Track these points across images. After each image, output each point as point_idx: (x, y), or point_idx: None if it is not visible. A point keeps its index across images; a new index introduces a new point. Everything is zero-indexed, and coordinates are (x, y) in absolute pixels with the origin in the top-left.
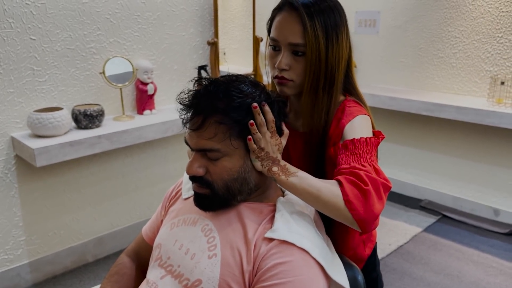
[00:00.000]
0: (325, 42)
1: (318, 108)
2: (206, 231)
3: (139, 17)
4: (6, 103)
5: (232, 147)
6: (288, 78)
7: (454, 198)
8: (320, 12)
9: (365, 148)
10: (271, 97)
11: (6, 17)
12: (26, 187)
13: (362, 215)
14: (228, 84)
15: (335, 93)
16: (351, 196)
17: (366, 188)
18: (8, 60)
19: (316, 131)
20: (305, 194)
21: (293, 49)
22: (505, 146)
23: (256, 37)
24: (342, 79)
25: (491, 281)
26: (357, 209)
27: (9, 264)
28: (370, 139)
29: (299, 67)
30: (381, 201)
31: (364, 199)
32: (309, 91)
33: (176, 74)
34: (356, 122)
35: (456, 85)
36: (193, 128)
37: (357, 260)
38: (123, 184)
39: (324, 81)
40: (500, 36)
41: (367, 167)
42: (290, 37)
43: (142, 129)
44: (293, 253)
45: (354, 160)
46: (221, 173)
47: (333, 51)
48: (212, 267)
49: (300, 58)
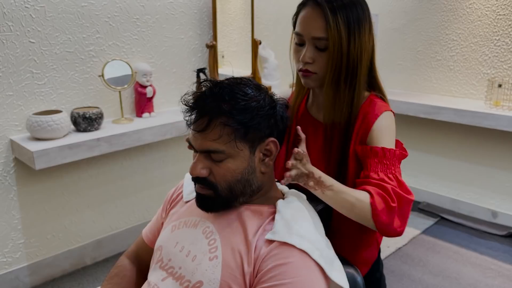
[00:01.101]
0: (347, 36)
1: (339, 100)
2: (207, 233)
3: (138, 20)
4: (5, 106)
5: (237, 149)
6: (311, 71)
7: (452, 200)
8: (342, 7)
9: (393, 160)
10: (275, 101)
11: (5, 20)
12: (25, 190)
13: (385, 227)
14: (233, 87)
15: (358, 86)
16: (379, 210)
17: (393, 206)
18: (7, 63)
19: (337, 123)
20: (339, 207)
21: (316, 43)
22: (502, 148)
23: (255, 40)
24: (365, 72)
25: (489, 283)
26: (382, 222)
27: (7, 267)
28: (399, 153)
29: (322, 60)
30: (404, 220)
31: (389, 214)
32: (331, 83)
33: (175, 77)
34: (384, 122)
35: (454, 87)
36: (198, 130)
37: (368, 260)
38: (122, 186)
39: (346, 74)
40: (497, 39)
41: (394, 182)
42: (313, 31)
43: (141, 132)
44: (293, 255)
45: (382, 169)
46: (225, 175)
47: (355, 45)
48: (213, 269)
49: (323, 51)
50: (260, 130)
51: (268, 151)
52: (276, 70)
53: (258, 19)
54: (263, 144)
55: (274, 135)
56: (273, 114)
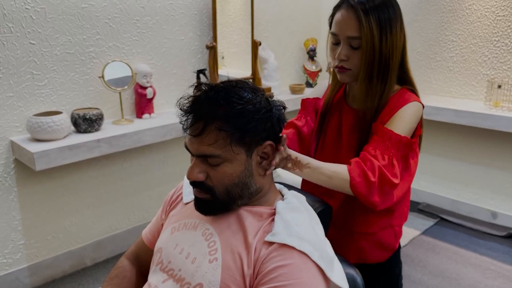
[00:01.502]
0: (379, 35)
1: (371, 93)
2: (207, 235)
3: (138, 21)
4: (5, 107)
5: (233, 153)
6: (346, 68)
7: (452, 201)
8: (374, 8)
9: (396, 145)
10: (271, 104)
11: (5, 22)
12: (25, 191)
13: (363, 199)
14: (229, 90)
15: (389, 80)
16: (357, 181)
17: (372, 180)
18: (8, 64)
19: (368, 112)
20: (318, 181)
21: (350, 42)
22: (502, 149)
23: (255, 41)
24: (396, 68)
25: (489, 283)
26: (360, 192)
27: (8, 268)
28: (406, 140)
29: (356, 58)
30: (386, 199)
31: (368, 188)
32: (364, 78)
33: (175, 78)
34: (407, 110)
35: (454, 88)
36: (193, 134)
37: (383, 247)
38: (122, 188)
39: (378, 70)
40: (497, 40)
41: (385, 162)
42: (347, 31)
43: (141, 133)
44: (293, 256)
45: (381, 148)
46: (222, 179)
47: (387, 43)
48: (213, 271)
49: (357, 50)
50: (256, 133)
51: (266, 154)
52: (276, 71)
53: (258, 20)
54: (260, 147)
55: (271, 138)
56: (269, 117)
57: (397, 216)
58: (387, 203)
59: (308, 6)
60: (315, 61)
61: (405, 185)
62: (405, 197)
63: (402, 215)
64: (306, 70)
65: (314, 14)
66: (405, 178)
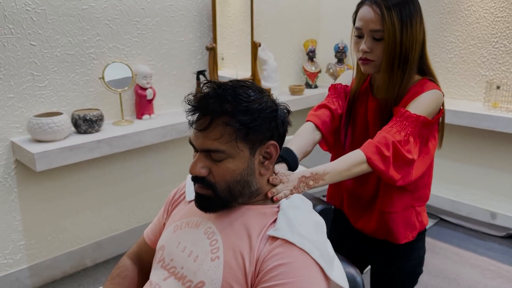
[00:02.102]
0: (400, 28)
1: (392, 83)
2: (209, 233)
3: (138, 22)
4: (6, 108)
5: (237, 149)
6: (370, 59)
7: (451, 201)
8: (396, 4)
9: (414, 123)
10: (277, 104)
11: (6, 23)
12: (25, 192)
13: (382, 174)
14: (236, 88)
15: (409, 70)
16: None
17: (387, 155)
18: (9, 65)
19: (390, 100)
20: (343, 178)
21: (373, 35)
22: (501, 149)
23: (254, 42)
24: (417, 59)
25: (489, 284)
26: (378, 168)
27: (8, 268)
28: (422, 118)
29: (378, 50)
30: (403, 174)
31: (384, 162)
32: (386, 69)
33: (175, 79)
34: (428, 95)
35: (453, 89)
36: (199, 129)
37: (407, 225)
38: (122, 188)
39: (399, 61)
40: (496, 41)
41: (401, 137)
42: (371, 25)
43: (141, 133)
44: (294, 255)
45: (398, 126)
46: (224, 175)
47: (407, 36)
48: (215, 269)
49: (379, 42)
50: (261, 132)
51: (268, 154)
52: (275, 72)
53: (258, 21)
54: (264, 147)
55: (275, 138)
56: (274, 117)
57: (418, 198)
58: (407, 180)
59: (307, 8)
60: (315, 62)
61: (423, 164)
62: (426, 178)
63: (423, 197)
64: (306, 71)
65: (314, 15)
66: (423, 157)
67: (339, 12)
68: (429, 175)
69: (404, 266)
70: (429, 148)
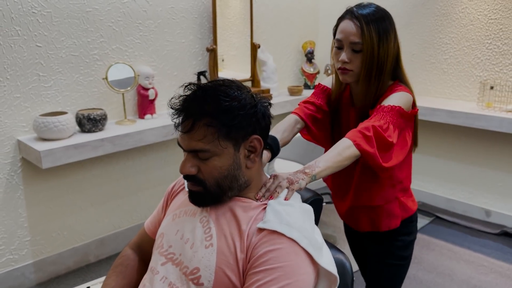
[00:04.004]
0: (378, 42)
1: (370, 91)
2: (204, 222)
3: (141, 24)
4: (13, 107)
5: (221, 147)
6: (349, 69)
7: (447, 200)
8: (374, 20)
9: (390, 112)
10: (255, 100)
11: (13, 25)
12: (31, 189)
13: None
14: (215, 89)
15: (383, 79)
16: (358, 141)
17: (369, 135)
18: (15, 66)
19: (367, 107)
20: (337, 168)
21: (353, 46)
22: (494, 148)
23: (254, 43)
24: (390, 70)
25: (482, 279)
26: (365, 150)
27: (14, 264)
28: (397, 107)
29: (357, 60)
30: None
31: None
32: (364, 79)
33: (176, 79)
34: (397, 93)
35: (448, 90)
36: (184, 131)
37: (390, 216)
38: (125, 186)
39: (376, 71)
40: (489, 43)
41: (381, 123)
42: (351, 37)
43: (143, 132)
44: (283, 241)
45: (377, 116)
46: (212, 172)
47: (384, 49)
48: (209, 256)
49: (358, 53)
50: (242, 128)
51: (253, 148)
52: (274, 73)
53: (257, 23)
54: (247, 142)
55: (257, 132)
56: (254, 113)
57: (400, 190)
58: (391, 162)
59: (306, 10)
60: (313, 63)
61: (402, 153)
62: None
63: (405, 187)
64: (304, 72)
65: (312, 17)
66: (401, 145)
67: (337, 14)
68: (409, 167)
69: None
70: (406, 139)
